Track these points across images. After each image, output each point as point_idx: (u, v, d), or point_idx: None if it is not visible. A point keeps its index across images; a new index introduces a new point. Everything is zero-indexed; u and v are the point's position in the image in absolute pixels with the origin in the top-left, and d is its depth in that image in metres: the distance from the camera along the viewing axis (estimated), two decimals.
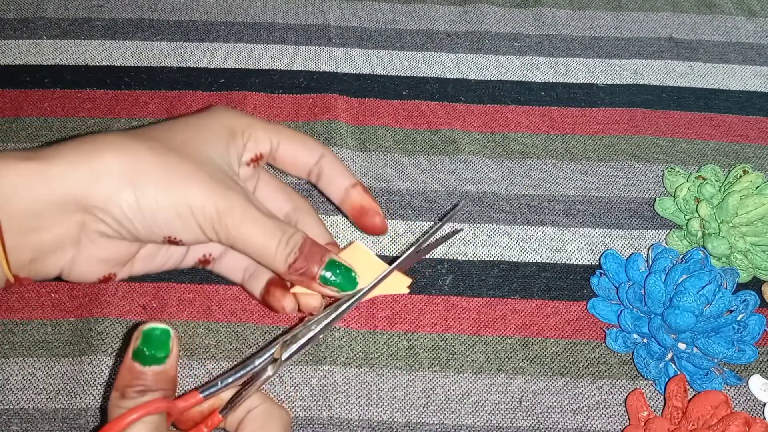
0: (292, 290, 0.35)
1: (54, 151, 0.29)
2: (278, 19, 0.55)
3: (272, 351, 0.33)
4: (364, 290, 0.35)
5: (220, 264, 0.37)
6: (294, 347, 0.33)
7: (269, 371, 0.33)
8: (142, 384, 0.29)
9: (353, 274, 0.34)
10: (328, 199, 0.39)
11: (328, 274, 0.33)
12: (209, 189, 0.30)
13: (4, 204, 0.28)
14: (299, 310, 0.36)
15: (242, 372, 0.32)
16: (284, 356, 0.33)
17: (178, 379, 0.38)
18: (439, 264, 0.43)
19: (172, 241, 0.31)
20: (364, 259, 0.35)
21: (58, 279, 0.33)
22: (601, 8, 0.57)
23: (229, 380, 0.32)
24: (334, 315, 0.34)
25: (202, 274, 0.41)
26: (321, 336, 0.34)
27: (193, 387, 0.32)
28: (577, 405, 0.38)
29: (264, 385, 0.38)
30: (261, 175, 0.38)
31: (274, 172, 0.41)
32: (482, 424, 0.38)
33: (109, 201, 0.29)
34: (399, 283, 0.36)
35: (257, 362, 0.33)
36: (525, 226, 0.45)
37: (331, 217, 0.44)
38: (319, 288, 0.33)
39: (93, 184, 0.29)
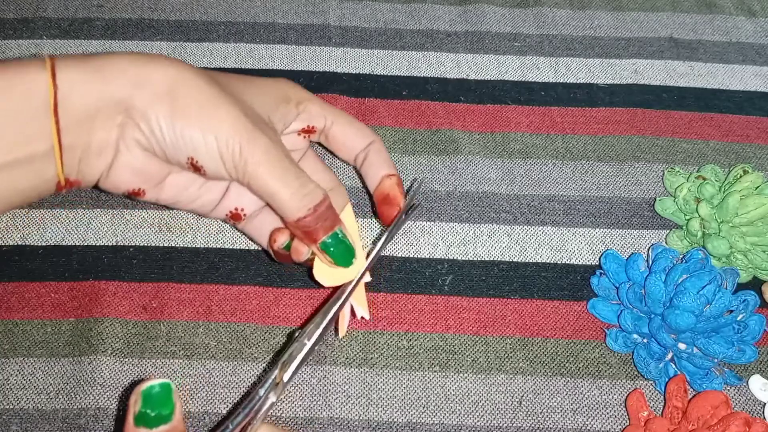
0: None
1: (110, 57, 0.31)
2: (278, 19, 0.55)
3: (273, 376, 0.33)
4: (346, 294, 0.36)
5: (252, 223, 0.37)
6: (293, 366, 0.33)
7: (272, 398, 0.32)
8: None
9: (352, 254, 0.35)
10: (364, 187, 0.40)
11: (330, 242, 0.34)
12: (238, 124, 0.31)
13: (63, 101, 0.29)
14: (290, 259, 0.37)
15: (249, 407, 0.32)
16: (285, 378, 0.33)
17: (178, 378, 0.38)
18: (439, 264, 0.43)
19: (195, 166, 0.32)
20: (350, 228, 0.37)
21: (96, 188, 0.34)
22: (602, 8, 0.57)
23: (239, 419, 0.31)
24: (323, 325, 0.35)
25: (202, 273, 0.41)
26: (317, 348, 0.34)
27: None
28: (577, 405, 0.38)
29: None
30: (308, 152, 0.40)
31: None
32: (482, 424, 0.38)
33: (147, 108, 0.31)
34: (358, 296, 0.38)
35: (261, 392, 0.32)
36: (525, 226, 0.45)
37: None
38: (316, 248, 0.34)
39: (136, 90, 0.30)
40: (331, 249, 0.34)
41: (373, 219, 0.44)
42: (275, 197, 0.32)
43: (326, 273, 0.36)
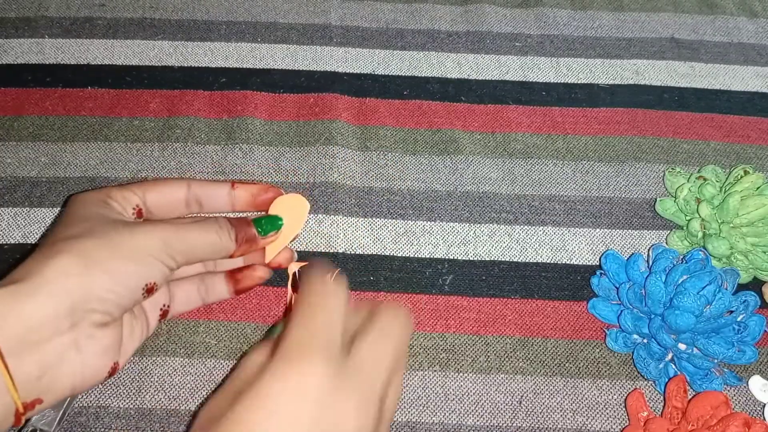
0: (267, 259, 0.39)
1: (21, 272, 0.30)
2: (280, 19, 0.55)
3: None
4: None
5: (175, 304, 0.38)
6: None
7: None
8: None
9: (273, 217, 0.38)
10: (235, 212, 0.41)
11: (262, 227, 0.38)
12: (143, 232, 0.33)
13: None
14: (279, 267, 0.40)
15: None
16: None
17: (179, 377, 0.38)
18: (439, 264, 0.43)
19: (149, 290, 0.33)
20: (288, 203, 0.39)
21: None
22: (603, 8, 0.57)
23: None
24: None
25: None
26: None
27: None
28: (577, 405, 0.38)
29: None
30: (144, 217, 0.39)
31: None
32: (482, 423, 0.38)
33: (91, 290, 0.31)
34: (298, 206, 0.40)
35: None
36: (525, 226, 0.45)
37: (332, 216, 0.44)
38: (263, 242, 0.38)
39: (71, 284, 0.30)
40: (267, 227, 0.38)
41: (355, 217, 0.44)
42: (215, 247, 0.35)
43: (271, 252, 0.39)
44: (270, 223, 0.38)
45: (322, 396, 0.26)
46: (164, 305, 0.37)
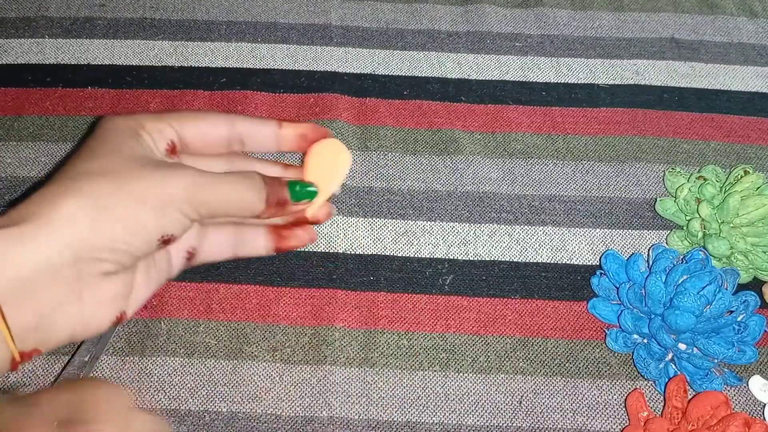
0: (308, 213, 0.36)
1: (24, 211, 0.28)
2: (280, 19, 0.55)
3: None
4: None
5: (203, 250, 0.36)
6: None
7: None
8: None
9: (308, 185, 0.35)
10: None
11: (296, 192, 0.34)
12: (165, 177, 0.30)
13: None
14: (317, 222, 0.36)
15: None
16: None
17: (178, 377, 0.38)
18: (439, 264, 0.43)
19: (166, 241, 0.31)
20: (331, 148, 0.36)
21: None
22: (603, 8, 0.57)
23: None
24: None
25: (202, 272, 0.41)
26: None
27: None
28: (577, 405, 0.38)
29: (264, 384, 0.38)
30: (182, 158, 0.36)
31: None
32: (482, 423, 0.38)
33: (100, 239, 0.29)
34: (338, 153, 0.36)
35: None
36: (525, 226, 0.45)
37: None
38: (294, 208, 0.35)
39: (77, 232, 0.28)
40: (300, 193, 0.35)
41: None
42: (244, 205, 0.32)
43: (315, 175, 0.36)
44: (304, 190, 0.35)
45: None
46: (191, 247, 0.35)
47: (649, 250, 0.43)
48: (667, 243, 0.44)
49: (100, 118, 0.48)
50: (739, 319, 0.39)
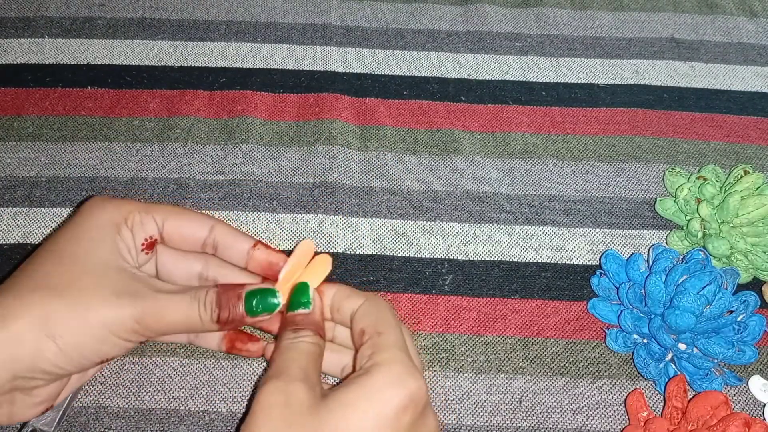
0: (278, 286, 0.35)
1: None
2: (279, 19, 0.55)
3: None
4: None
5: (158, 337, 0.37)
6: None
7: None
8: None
9: (271, 294, 0.34)
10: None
11: (252, 307, 0.33)
12: (117, 304, 0.31)
13: None
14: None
15: None
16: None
17: (179, 377, 0.38)
18: (439, 264, 0.43)
19: (104, 361, 0.32)
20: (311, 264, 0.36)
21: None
22: (603, 8, 0.57)
23: None
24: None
25: None
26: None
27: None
28: (577, 405, 0.38)
29: None
30: (158, 249, 0.36)
31: None
32: (482, 423, 0.38)
33: (40, 363, 0.29)
34: (320, 265, 0.36)
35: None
36: (525, 226, 0.45)
37: (332, 216, 0.44)
38: (251, 321, 0.33)
39: (19, 355, 0.29)
40: (258, 309, 0.33)
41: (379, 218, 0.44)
42: (193, 327, 0.32)
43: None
44: (263, 303, 0.33)
45: None
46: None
47: (649, 250, 0.43)
48: (667, 243, 0.44)
49: (100, 117, 0.48)
50: (739, 319, 0.39)
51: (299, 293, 0.34)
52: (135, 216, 0.34)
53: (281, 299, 0.34)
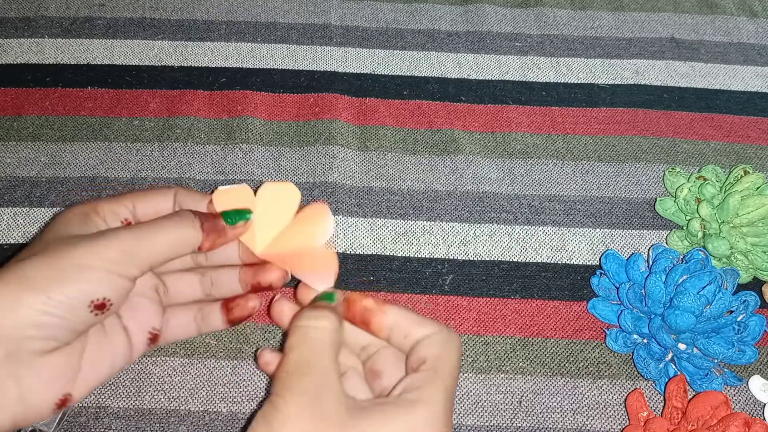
0: (257, 249, 0.36)
1: None
2: (279, 19, 0.55)
3: None
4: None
5: (168, 331, 0.36)
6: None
7: None
8: None
9: (243, 211, 0.36)
10: None
11: (229, 218, 0.35)
12: (93, 245, 0.30)
13: None
14: (269, 288, 0.37)
15: None
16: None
17: (179, 377, 0.38)
18: (439, 264, 0.43)
19: (99, 306, 0.30)
20: (277, 192, 0.38)
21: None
22: (603, 8, 0.57)
23: None
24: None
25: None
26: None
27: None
28: (577, 405, 0.38)
29: (264, 384, 0.38)
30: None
31: None
32: (482, 423, 0.38)
33: (21, 317, 0.28)
34: (326, 260, 0.36)
35: None
36: (525, 226, 0.45)
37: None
38: (232, 233, 0.35)
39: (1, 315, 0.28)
40: (235, 218, 0.35)
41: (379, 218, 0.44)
42: (182, 242, 0.33)
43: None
44: (237, 214, 0.36)
45: None
46: (153, 329, 0.34)
47: (649, 250, 0.43)
48: (667, 243, 0.44)
49: (100, 117, 0.48)
50: (739, 319, 0.39)
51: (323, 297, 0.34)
52: (105, 206, 0.34)
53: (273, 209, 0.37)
